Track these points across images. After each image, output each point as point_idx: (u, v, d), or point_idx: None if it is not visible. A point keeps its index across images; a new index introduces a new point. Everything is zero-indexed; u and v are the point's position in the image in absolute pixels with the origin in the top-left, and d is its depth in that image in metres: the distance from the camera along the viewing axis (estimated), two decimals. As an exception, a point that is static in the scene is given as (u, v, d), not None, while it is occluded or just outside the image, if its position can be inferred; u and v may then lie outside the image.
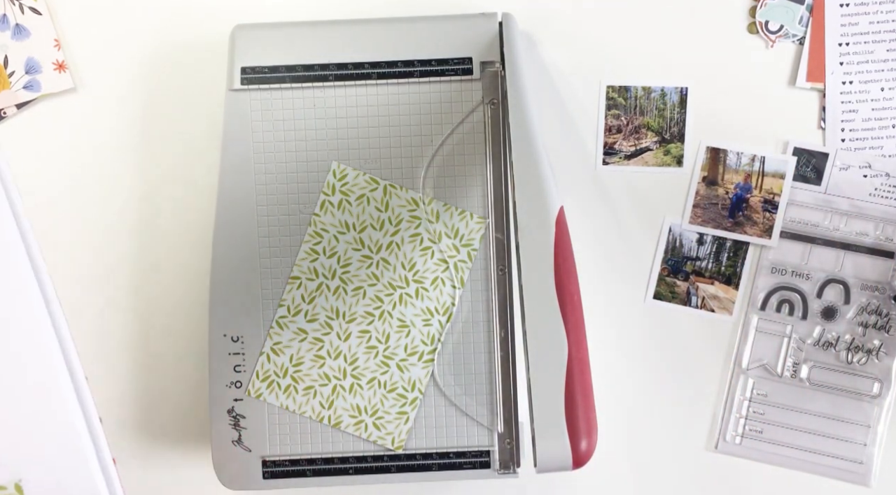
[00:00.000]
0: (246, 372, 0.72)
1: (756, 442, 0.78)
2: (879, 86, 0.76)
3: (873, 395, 0.77)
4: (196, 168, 0.76)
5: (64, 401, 0.56)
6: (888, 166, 0.76)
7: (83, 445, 0.56)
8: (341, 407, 0.72)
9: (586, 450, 0.62)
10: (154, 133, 0.76)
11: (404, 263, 0.72)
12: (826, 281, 0.77)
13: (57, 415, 0.55)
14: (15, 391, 0.56)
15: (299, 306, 0.72)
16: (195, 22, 0.76)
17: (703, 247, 0.77)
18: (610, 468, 0.79)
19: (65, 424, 0.56)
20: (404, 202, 0.72)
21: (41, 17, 0.75)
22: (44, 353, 0.55)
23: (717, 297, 0.78)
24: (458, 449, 0.72)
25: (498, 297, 0.72)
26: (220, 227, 0.72)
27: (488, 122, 0.72)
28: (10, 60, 0.75)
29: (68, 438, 0.56)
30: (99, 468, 0.56)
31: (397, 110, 0.71)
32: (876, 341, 0.77)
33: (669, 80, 0.76)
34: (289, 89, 0.71)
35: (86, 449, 0.56)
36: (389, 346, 0.72)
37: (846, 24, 0.75)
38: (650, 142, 0.77)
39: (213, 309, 0.72)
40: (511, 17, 0.70)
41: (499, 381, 0.72)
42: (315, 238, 0.72)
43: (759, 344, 0.77)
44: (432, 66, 0.71)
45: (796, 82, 0.76)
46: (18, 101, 0.76)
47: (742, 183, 0.77)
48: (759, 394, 0.78)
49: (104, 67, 0.76)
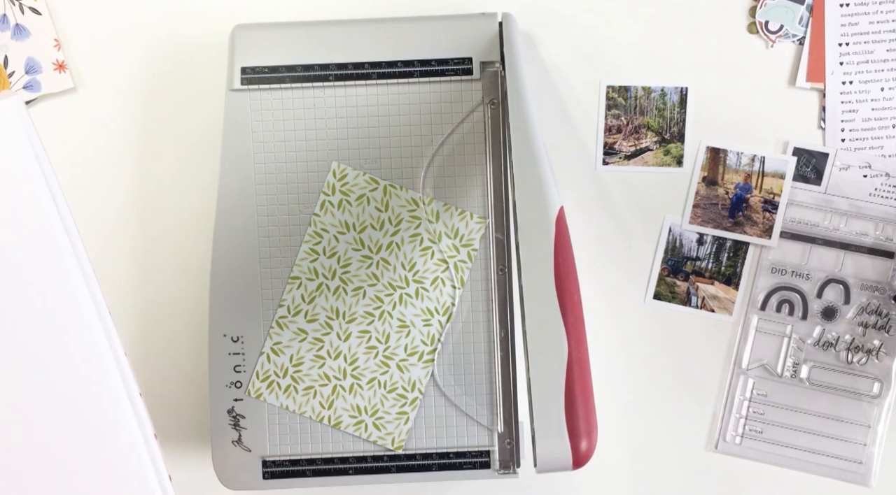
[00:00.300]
0: (246, 372, 0.72)
1: (756, 442, 0.78)
2: (879, 86, 0.76)
3: (873, 395, 0.77)
4: (196, 168, 0.76)
5: (122, 420, 0.55)
6: (888, 166, 0.76)
7: (143, 464, 0.56)
8: (341, 408, 0.72)
9: (586, 450, 0.62)
10: (154, 133, 0.76)
11: (404, 263, 0.72)
12: (826, 281, 0.77)
13: (115, 435, 0.55)
14: (72, 409, 0.55)
15: (299, 306, 0.72)
16: (195, 22, 0.76)
17: (703, 247, 0.77)
18: (610, 468, 0.79)
19: (125, 444, 0.55)
20: (404, 202, 0.72)
21: (41, 17, 0.75)
22: (100, 368, 0.55)
23: (717, 297, 0.78)
24: (458, 450, 0.72)
25: (498, 297, 0.72)
26: (220, 227, 0.72)
27: (488, 122, 0.72)
28: (10, 60, 0.75)
29: (127, 457, 0.55)
30: (159, 487, 0.56)
31: (397, 110, 0.71)
32: (876, 341, 0.77)
33: (669, 80, 0.76)
34: (289, 89, 0.71)
35: (145, 468, 0.56)
36: (389, 346, 0.72)
37: (846, 24, 0.75)
38: (650, 142, 0.77)
39: (213, 309, 0.72)
40: (511, 17, 0.70)
41: (499, 381, 0.72)
42: (315, 238, 0.72)
43: (759, 344, 0.77)
44: (432, 66, 0.71)
45: (796, 82, 0.76)
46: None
47: (742, 183, 0.77)
48: (759, 394, 0.78)
49: (104, 67, 0.76)
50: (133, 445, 0.55)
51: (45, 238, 0.57)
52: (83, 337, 0.55)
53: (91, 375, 0.55)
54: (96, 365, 0.55)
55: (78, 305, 0.56)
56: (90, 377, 0.55)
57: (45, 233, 0.57)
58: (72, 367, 0.55)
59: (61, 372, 0.55)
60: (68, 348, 0.55)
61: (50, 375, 0.55)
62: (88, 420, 0.55)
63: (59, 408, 0.55)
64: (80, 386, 0.55)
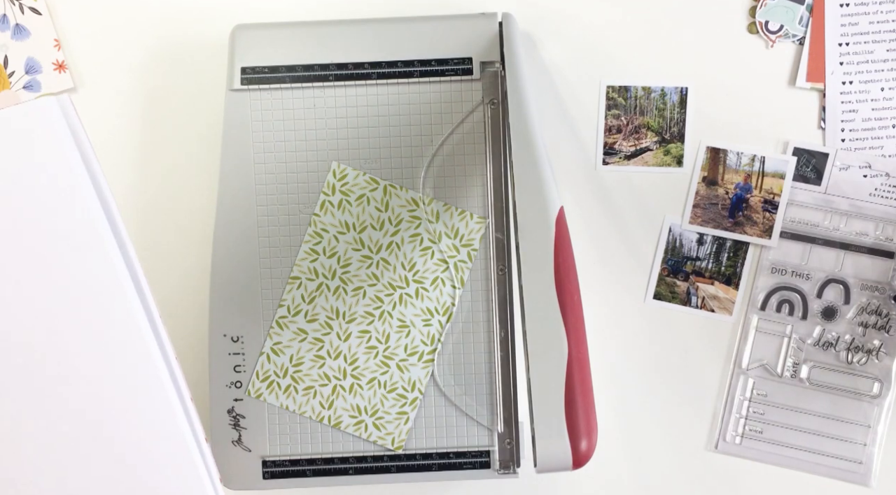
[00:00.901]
0: (246, 372, 0.72)
1: (756, 442, 0.78)
2: (879, 86, 0.76)
3: (873, 395, 0.77)
4: (196, 168, 0.76)
5: (176, 424, 0.55)
6: (888, 166, 0.76)
7: (199, 472, 0.56)
8: (341, 408, 0.72)
9: (586, 450, 0.62)
10: (154, 133, 0.76)
11: (404, 263, 0.72)
12: (826, 281, 0.77)
13: (170, 439, 0.55)
14: (125, 416, 0.55)
15: (299, 306, 0.72)
16: (195, 22, 0.76)
17: (703, 247, 0.77)
18: (610, 468, 0.79)
19: (179, 448, 0.55)
20: (404, 202, 0.72)
21: (41, 17, 0.75)
22: (153, 376, 0.55)
23: (717, 297, 0.78)
24: (458, 449, 0.72)
25: (498, 297, 0.72)
26: (220, 227, 0.72)
27: (488, 122, 0.72)
28: (10, 60, 0.75)
29: (181, 461, 0.55)
30: (212, 489, 0.56)
31: (397, 110, 0.71)
32: (876, 341, 0.77)
33: (669, 80, 0.76)
34: (289, 89, 0.71)
35: (200, 474, 0.56)
36: (389, 346, 0.72)
37: (846, 24, 0.75)
38: (650, 142, 0.77)
39: (213, 309, 0.72)
40: (511, 17, 0.70)
41: (499, 381, 0.72)
42: (315, 238, 0.72)
43: (759, 344, 0.77)
44: (432, 66, 0.71)
45: (796, 82, 0.76)
46: (18, 101, 0.76)
47: (742, 183, 0.77)
48: (759, 394, 0.78)
49: (104, 67, 0.76)
50: (188, 450, 0.55)
51: (96, 248, 0.56)
52: (135, 340, 0.55)
53: (144, 382, 0.55)
54: (150, 371, 0.55)
55: (130, 311, 0.56)
56: (144, 384, 0.55)
57: (96, 239, 0.56)
58: (125, 372, 0.55)
59: (115, 377, 0.55)
60: (120, 350, 0.55)
61: (103, 382, 0.55)
62: (144, 426, 0.55)
63: (115, 414, 0.55)
64: (133, 392, 0.55)
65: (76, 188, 0.56)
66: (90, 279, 0.56)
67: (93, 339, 0.55)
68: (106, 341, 0.55)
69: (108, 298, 0.55)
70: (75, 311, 0.55)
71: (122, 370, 0.55)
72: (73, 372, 0.55)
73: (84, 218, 0.56)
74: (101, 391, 0.55)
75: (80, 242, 0.56)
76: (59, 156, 0.56)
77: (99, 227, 0.56)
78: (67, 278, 0.55)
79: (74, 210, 0.56)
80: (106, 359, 0.55)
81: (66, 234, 0.56)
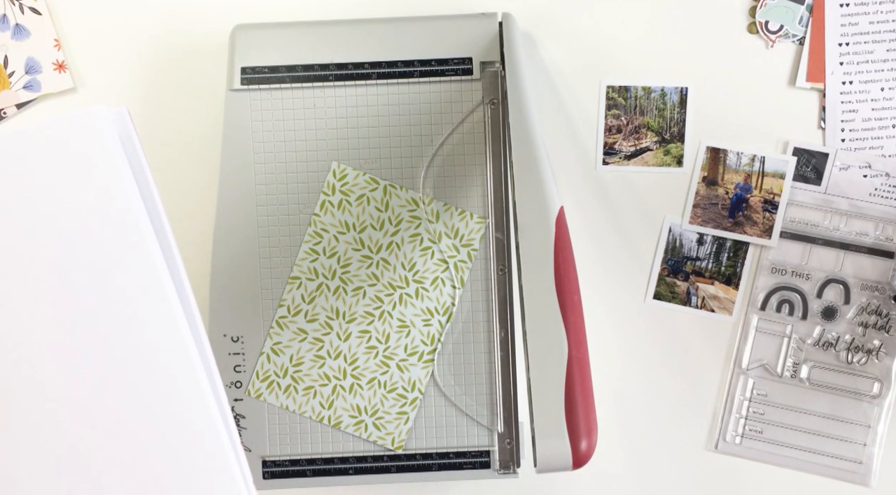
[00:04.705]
0: (246, 372, 0.72)
1: (756, 442, 0.78)
2: (879, 86, 0.76)
3: (873, 395, 0.77)
4: (196, 168, 0.76)
5: (217, 439, 0.55)
6: (888, 166, 0.76)
7: (234, 474, 0.55)
8: (341, 408, 0.72)
9: (586, 450, 0.62)
10: (154, 133, 0.76)
11: (404, 263, 0.72)
12: (826, 281, 0.77)
13: (211, 458, 0.55)
14: (165, 427, 0.55)
15: (299, 306, 0.72)
16: (195, 22, 0.76)
17: (703, 247, 0.77)
18: (610, 468, 0.79)
19: (216, 453, 0.55)
20: (404, 202, 0.72)
21: (41, 17, 0.75)
22: (191, 378, 0.55)
23: (717, 297, 0.78)
24: (458, 450, 0.72)
25: (498, 297, 0.72)
26: (220, 227, 0.72)
27: (488, 122, 0.72)
28: (10, 60, 0.75)
29: (219, 467, 0.55)
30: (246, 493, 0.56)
31: (397, 110, 0.71)
32: (876, 341, 0.77)
33: (669, 80, 0.76)
34: (289, 89, 0.71)
35: (236, 478, 0.55)
36: (389, 346, 0.72)
37: (846, 24, 0.75)
38: (650, 142, 0.77)
39: (213, 309, 0.72)
40: (511, 17, 0.70)
41: (499, 381, 0.72)
42: (315, 238, 0.72)
43: (759, 344, 0.77)
44: (432, 66, 0.71)
45: (796, 82, 0.76)
46: (18, 101, 0.76)
47: (742, 183, 0.77)
48: (759, 394, 0.78)
49: (104, 67, 0.76)
50: (224, 455, 0.55)
51: (141, 257, 0.56)
52: (175, 345, 0.55)
53: (183, 385, 0.55)
54: (188, 374, 0.55)
55: (174, 322, 0.55)
56: (183, 388, 0.55)
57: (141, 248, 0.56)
58: (164, 377, 0.55)
59: (154, 382, 0.55)
60: (160, 357, 0.55)
61: (140, 386, 0.55)
62: (181, 429, 0.55)
63: (152, 415, 0.55)
64: (172, 397, 0.55)
65: (127, 212, 0.55)
66: (134, 289, 0.55)
67: (140, 362, 0.55)
68: (153, 365, 0.55)
69: (159, 326, 0.55)
70: (125, 337, 0.55)
71: (173, 398, 0.55)
72: (118, 375, 0.55)
73: (135, 244, 0.55)
74: (142, 401, 0.55)
75: (132, 267, 0.55)
76: (111, 177, 0.55)
77: (153, 256, 0.56)
78: (110, 289, 0.55)
79: (126, 236, 0.55)
80: (146, 362, 0.55)
81: (117, 259, 0.55)
